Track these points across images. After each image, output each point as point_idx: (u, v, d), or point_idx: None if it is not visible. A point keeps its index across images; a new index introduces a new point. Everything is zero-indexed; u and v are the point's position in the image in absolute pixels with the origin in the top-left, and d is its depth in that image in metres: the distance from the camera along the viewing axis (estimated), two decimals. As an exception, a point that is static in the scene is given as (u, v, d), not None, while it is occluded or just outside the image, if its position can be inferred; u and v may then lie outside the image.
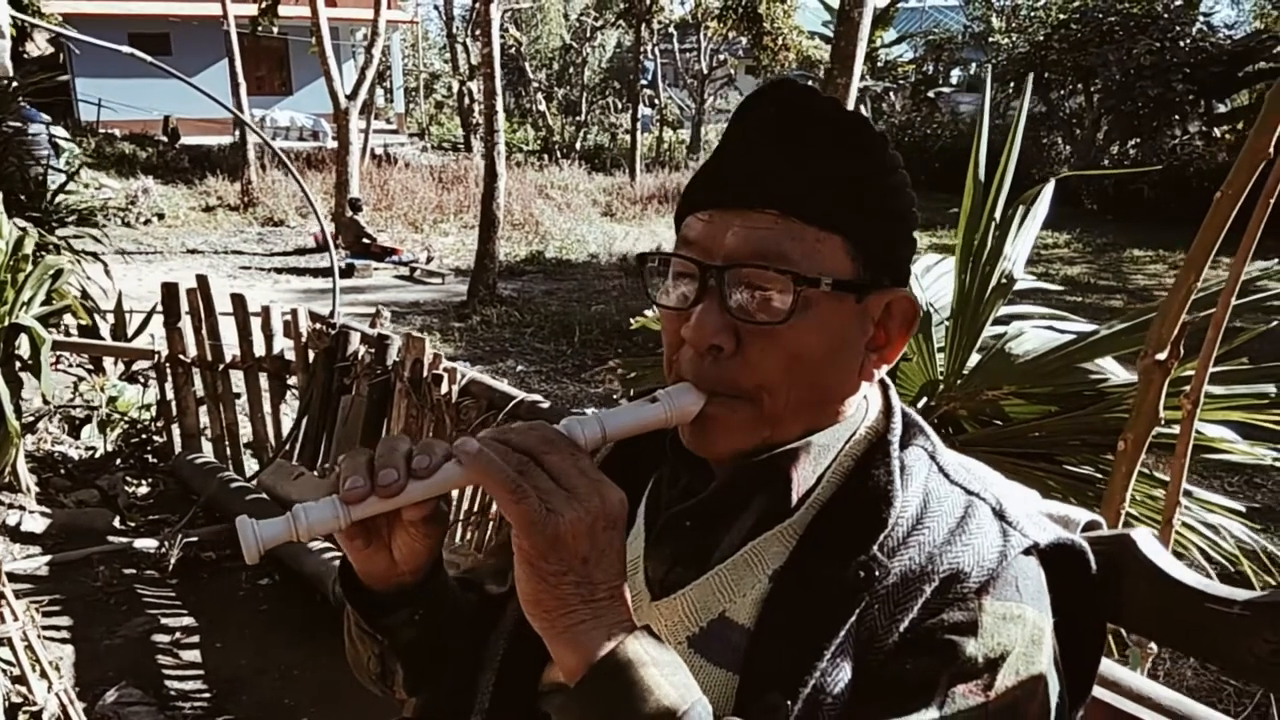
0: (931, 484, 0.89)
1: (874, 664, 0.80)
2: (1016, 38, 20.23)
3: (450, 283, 10.87)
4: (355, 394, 3.26)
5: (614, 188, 17.63)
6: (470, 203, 14.59)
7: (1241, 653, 0.89)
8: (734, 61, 24.23)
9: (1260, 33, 18.48)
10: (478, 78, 21.74)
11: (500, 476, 0.73)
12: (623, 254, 12.10)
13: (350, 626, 1.00)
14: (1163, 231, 14.76)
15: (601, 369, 3.21)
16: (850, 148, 0.86)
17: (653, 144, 22.53)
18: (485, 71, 9.43)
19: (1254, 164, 1.42)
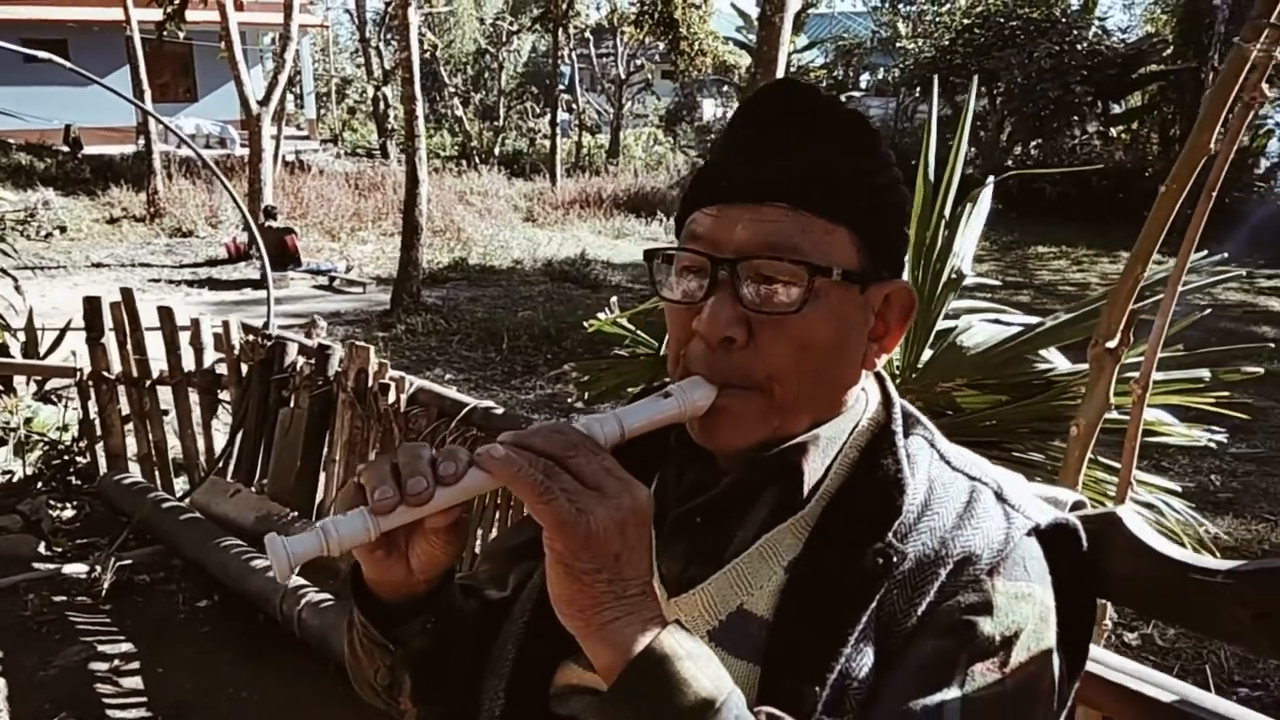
0: (935, 471, 0.92)
1: (894, 647, 0.82)
2: (922, 43, 20.81)
3: (372, 291, 10.68)
4: (294, 407, 3.19)
5: (535, 193, 17.56)
6: (389, 210, 14.36)
7: (1225, 620, 0.94)
8: (651, 66, 24.38)
9: (1151, 36, 19.40)
10: (393, 82, 21.48)
11: (528, 480, 0.73)
12: (547, 259, 12.05)
13: (357, 638, 0.99)
14: (1064, 229, 15.38)
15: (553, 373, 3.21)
16: (853, 144, 0.89)
17: (571, 149, 22.51)
18: (404, 76, 9.30)
19: (1195, 160, 1.50)
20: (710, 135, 22.59)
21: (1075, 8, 18.68)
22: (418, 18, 9.69)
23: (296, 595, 2.68)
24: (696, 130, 24.64)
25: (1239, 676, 3.44)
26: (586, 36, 24.12)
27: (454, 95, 23.76)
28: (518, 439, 0.77)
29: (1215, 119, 1.47)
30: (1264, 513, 5.13)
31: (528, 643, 0.98)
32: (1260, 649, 0.91)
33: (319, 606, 2.63)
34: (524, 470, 0.73)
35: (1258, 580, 0.92)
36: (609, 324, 2.41)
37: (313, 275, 11.05)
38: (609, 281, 11.15)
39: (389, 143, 20.83)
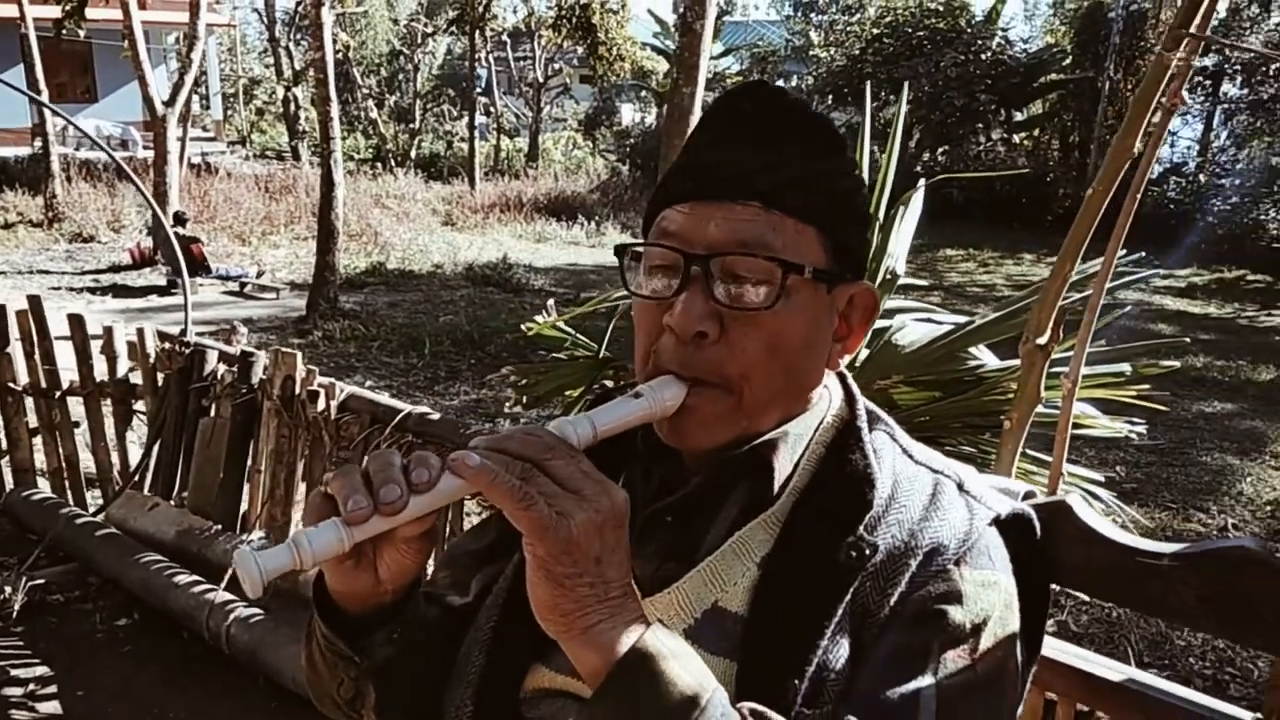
0: (899, 465, 0.94)
1: (868, 638, 0.84)
2: (834, 51, 21.25)
3: (286, 297, 10.41)
4: (216, 416, 3.08)
5: (453, 196, 17.34)
6: (302, 213, 14.01)
7: (1171, 600, 0.99)
8: (569, 71, 24.34)
9: (1051, 46, 20.19)
10: (304, 83, 20.97)
11: (505, 486, 0.72)
12: (468, 264, 11.92)
13: (318, 651, 0.96)
14: (970, 232, 15.89)
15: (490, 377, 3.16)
16: (821, 146, 0.91)
17: (490, 152, 22.32)
18: (317, 77, 9.09)
19: (1121, 162, 1.57)
20: (630, 140, 22.66)
21: (979, 19, 19.31)
22: (331, 17, 9.48)
23: (223, 610, 2.59)
24: (616, 135, 24.68)
25: (1149, 658, 3.60)
26: (504, 39, 23.94)
27: (368, 97, 23.32)
28: (492, 443, 0.76)
29: (1139, 123, 1.54)
30: (1167, 501, 5.39)
31: (496, 648, 0.96)
32: (1204, 626, 0.95)
33: (248, 621, 2.55)
34: (500, 476, 0.72)
35: (1201, 562, 0.97)
36: (547, 327, 2.40)
37: (222, 281, 10.71)
38: (532, 285, 11.09)
39: (300, 145, 20.33)
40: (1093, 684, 1.10)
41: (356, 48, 23.93)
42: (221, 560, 2.77)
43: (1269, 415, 7.19)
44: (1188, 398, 7.34)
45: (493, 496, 0.73)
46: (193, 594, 2.73)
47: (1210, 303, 12.49)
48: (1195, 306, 12.11)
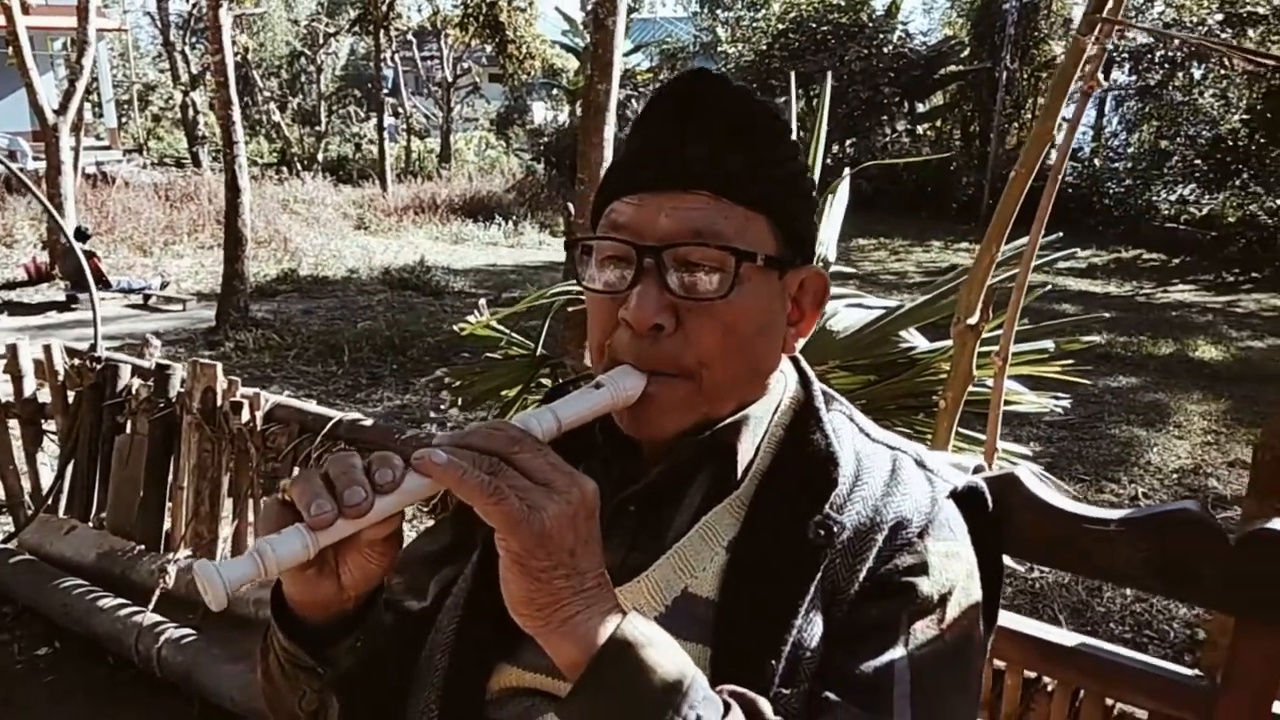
0: (858, 444, 0.96)
1: (839, 614, 0.86)
2: (742, 47, 21.50)
3: (193, 308, 10.05)
4: (133, 433, 2.96)
5: (365, 200, 16.99)
6: (205, 221, 13.54)
7: (1119, 563, 1.03)
8: (478, 70, 24.06)
9: (949, 39, 20.78)
10: (202, 87, 20.26)
11: (475, 481, 0.71)
12: (384, 268, 11.70)
13: (277, 665, 0.93)
14: (879, 222, 16.26)
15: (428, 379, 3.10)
16: (767, 133, 0.92)
17: (400, 154, 21.95)
18: (218, 80, 8.80)
19: (1041, 146, 1.63)
20: (544, 138, 22.53)
21: (880, 13, 19.76)
22: (229, 18, 9.20)
23: (153, 633, 2.48)
24: (529, 133, 24.52)
25: (1071, 625, 3.75)
26: (409, 39, 23.55)
27: (270, 100, 22.67)
28: (456, 439, 0.75)
29: (1057, 107, 1.60)
30: (1080, 474, 5.60)
31: (459, 650, 0.95)
32: (1150, 588, 0.99)
33: (180, 642, 2.46)
34: (469, 472, 0.71)
35: (1146, 526, 1.01)
36: (480, 327, 2.37)
37: (125, 294, 10.28)
38: (452, 288, 10.95)
39: (201, 151, 19.66)
40: (1041, 650, 1.14)
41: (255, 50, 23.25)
42: (147, 581, 2.67)
43: (1170, 388, 7.53)
44: (1094, 374, 7.64)
45: (462, 493, 0.72)
46: (118, 617, 2.61)
47: (1110, 282, 13.03)
48: (1096, 286, 12.62)
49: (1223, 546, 0.96)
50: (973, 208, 17.89)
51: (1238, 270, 13.92)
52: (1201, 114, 16.16)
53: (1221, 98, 16.15)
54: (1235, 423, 6.63)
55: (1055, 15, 19.04)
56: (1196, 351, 8.73)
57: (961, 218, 17.75)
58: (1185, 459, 5.91)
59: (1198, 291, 12.56)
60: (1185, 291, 12.57)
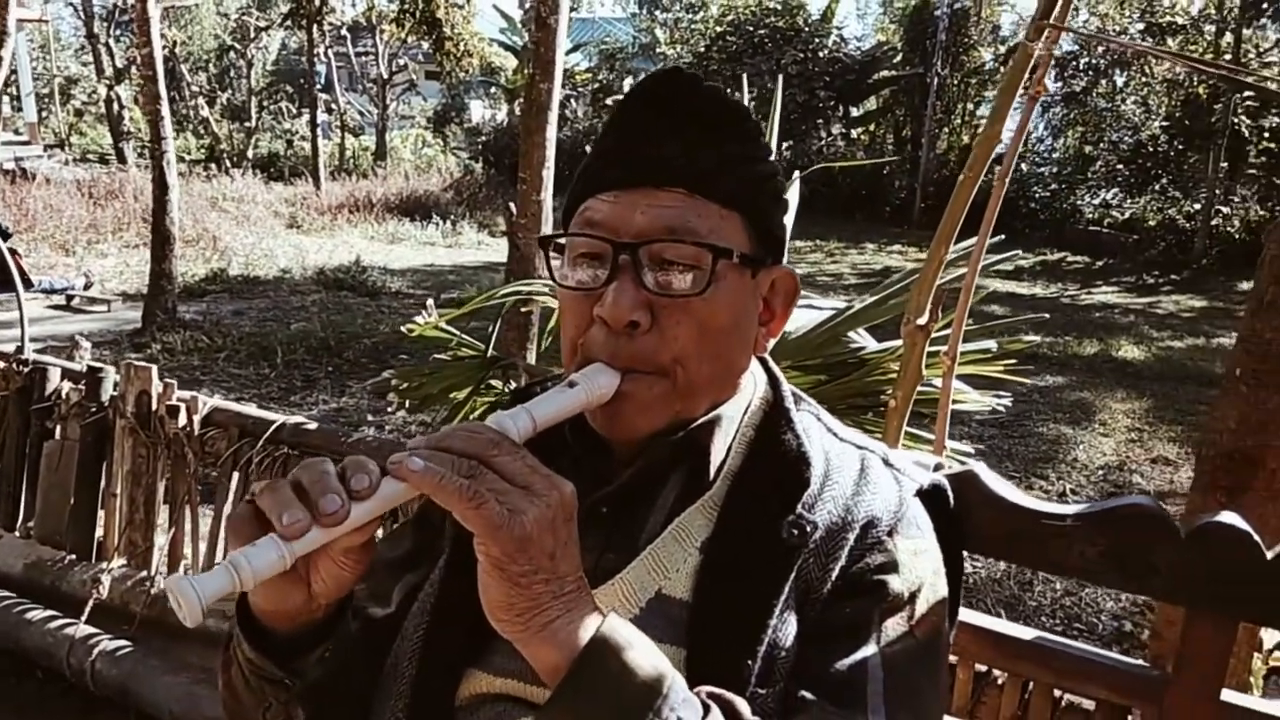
0: (827, 443, 0.97)
1: (813, 613, 0.86)
2: (681, 48, 21.62)
3: (119, 309, 9.73)
4: (63, 438, 2.84)
5: (297, 198, 16.63)
6: (131, 219, 13.13)
7: (1075, 557, 1.06)
8: (415, 66, 23.78)
9: (883, 44, 21.17)
10: (126, 81, 19.62)
11: (453, 486, 0.70)
12: (318, 268, 11.47)
13: (240, 677, 0.90)
14: (814, 225, 16.50)
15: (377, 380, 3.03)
16: (740, 131, 0.92)
17: (334, 151, 21.55)
18: (145, 74, 8.52)
19: (989, 149, 1.66)
20: (482, 137, 22.36)
21: (815, 17, 20.05)
22: (158, 10, 8.92)
23: (86, 645, 2.39)
24: (467, 132, 24.30)
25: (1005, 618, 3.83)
26: (343, 34, 23.15)
27: (198, 95, 22.07)
28: (433, 442, 0.74)
29: (1005, 111, 1.64)
30: (1010, 471, 5.74)
31: (427, 657, 0.94)
32: (1106, 581, 1.02)
33: (115, 654, 2.37)
34: (447, 477, 0.70)
35: (1102, 520, 1.04)
36: (429, 328, 2.34)
37: (46, 295, 9.91)
38: (389, 288, 10.78)
39: (126, 147, 19.05)
40: (996, 643, 1.16)
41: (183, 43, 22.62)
42: (79, 592, 2.57)
43: (1095, 387, 7.77)
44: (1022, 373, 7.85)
45: (440, 498, 0.70)
46: (49, 630, 2.50)
47: (1036, 284, 13.41)
48: (1023, 288, 12.97)
49: (1174, 540, 1.00)
50: (905, 211, 18.27)
51: (1158, 272, 14.45)
52: (1124, 120, 16.75)
53: (1143, 105, 16.76)
54: (1158, 420, 6.86)
55: (985, 22, 19.53)
56: (1120, 351, 9.03)
57: (894, 221, 18.11)
58: (1110, 456, 6.10)
59: (1120, 293, 12.99)
60: (1108, 293, 12.99)
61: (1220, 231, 14.90)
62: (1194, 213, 15.55)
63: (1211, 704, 1.00)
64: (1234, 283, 13.54)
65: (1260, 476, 1.37)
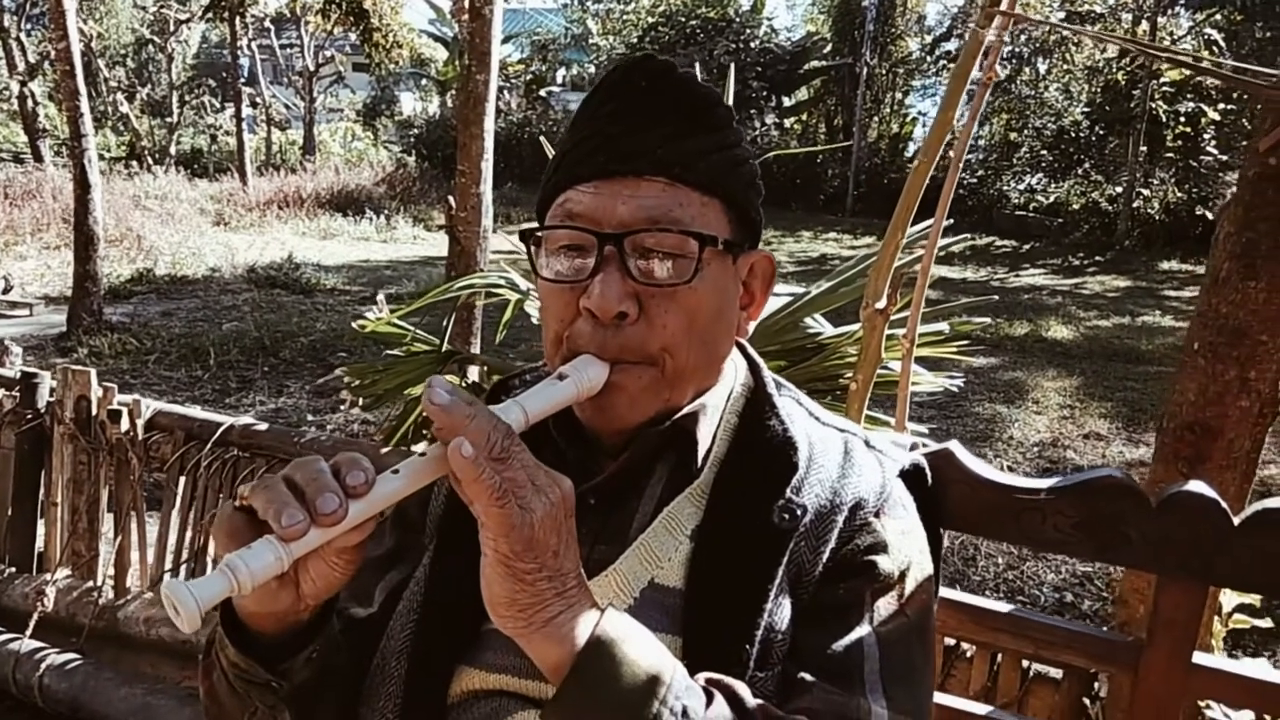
0: (809, 428, 0.98)
1: (805, 596, 0.87)
2: (613, 39, 21.58)
3: (41, 313, 9.39)
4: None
5: (223, 194, 16.22)
6: (50, 220, 12.67)
7: (1049, 531, 1.08)
8: (342, 58, 23.28)
9: (812, 35, 21.40)
10: (41, 76, 18.84)
11: (489, 483, 0.69)
12: (249, 265, 11.19)
13: (224, 683, 0.88)
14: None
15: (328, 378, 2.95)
16: (714, 118, 0.92)
17: (260, 146, 21.03)
18: (63, 68, 8.21)
19: (942, 135, 1.69)
20: (414, 130, 22.01)
21: (745, 8, 20.18)
22: (74, 2, 8.60)
23: (33, 660, 2.30)
24: (398, 125, 23.92)
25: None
26: (266, 26, 22.56)
27: (116, 90, 21.31)
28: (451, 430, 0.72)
29: (956, 97, 1.66)
30: (954, 450, 5.87)
31: (416, 656, 0.92)
32: (1081, 552, 1.05)
33: (64, 669, 2.28)
34: (486, 472, 0.69)
35: (1074, 493, 1.07)
36: (383, 324, 2.30)
37: (-41, 299, 9.52)
38: (323, 285, 10.57)
39: (41, 144, 18.32)
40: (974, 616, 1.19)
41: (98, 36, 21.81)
42: (21, 606, 2.47)
43: (1026, 366, 7.98)
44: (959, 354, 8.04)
45: (472, 491, 0.69)
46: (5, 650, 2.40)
47: (966, 267, 13.71)
48: (954, 272, 13.25)
49: (1145, 509, 1.03)
50: (839, 200, 18.51)
51: (1083, 254, 14.89)
52: (1047, 107, 17.19)
53: (1065, 91, 17.22)
54: (1088, 397, 7.07)
55: (911, 12, 19.86)
56: (1049, 332, 9.28)
57: (829, 209, 18.33)
58: (1044, 433, 6.27)
59: (1047, 275, 13.36)
60: (1036, 275, 13.35)
61: (1141, 214, 15.41)
62: (1116, 196, 16.05)
63: (1184, 667, 1.03)
64: (1156, 262, 14.03)
65: (1219, 446, 1.43)
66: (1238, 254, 1.52)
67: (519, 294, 2.18)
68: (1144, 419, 6.48)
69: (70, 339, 8.14)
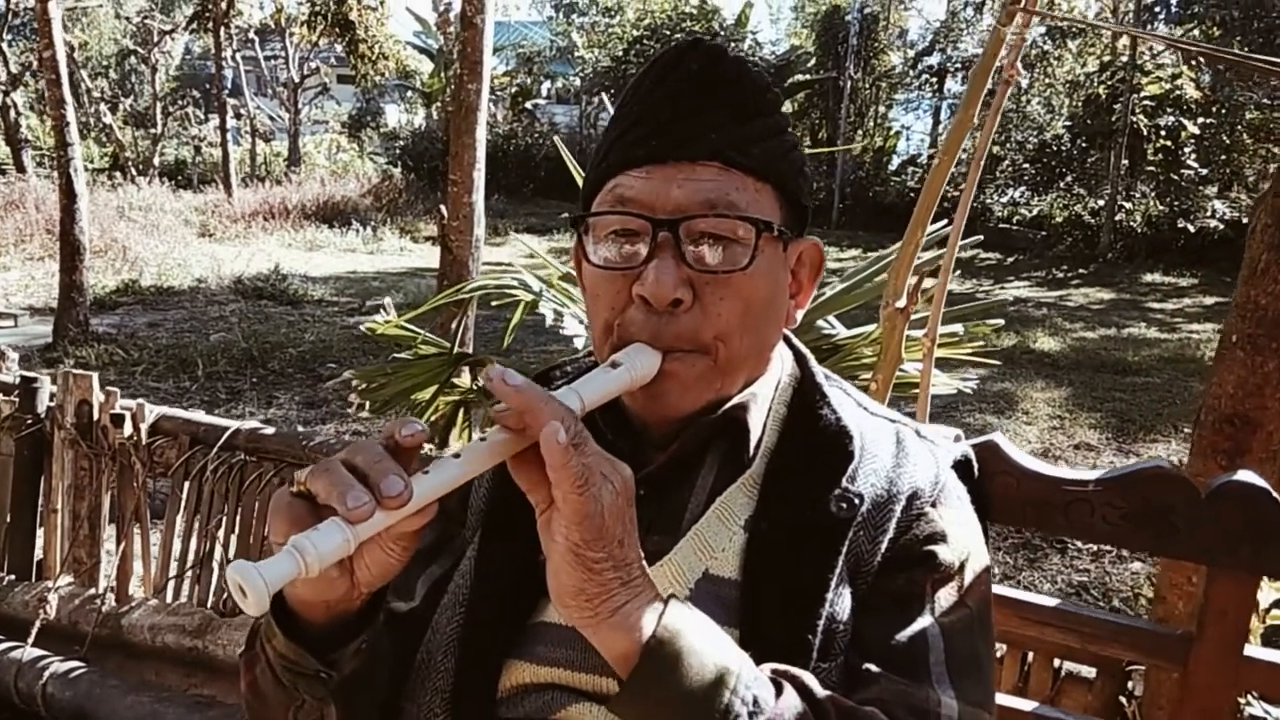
0: (859, 418, 0.97)
1: (864, 586, 0.86)
2: (598, 52, 21.64)
3: (26, 324, 9.28)
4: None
5: (208, 206, 16.13)
6: (34, 231, 12.55)
7: (1098, 523, 1.08)
8: (327, 70, 23.24)
9: (796, 48, 21.54)
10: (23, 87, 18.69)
11: (575, 469, 0.68)
12: (236, 276, 11.12)
13: (270, 676, 0.85)
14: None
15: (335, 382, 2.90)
16: (765, 103, 0.91)
17: (245, 157, 20.94)
18: (49, 78, 8.15)
19: (962, 133, 1.70)
20: (399, 141, 21.97)
21: (730, 22, 20.30)
22: (60, 11, 8.54)
23: (36, 668, 2.25)
24: (383, 136, 23.88)
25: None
26: (250, 37, 22.50)
27: (99, 101, 21.16)
28: None
29: (977, 96, 1.67)
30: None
31: (464, 650, 0.91)
32: (1129, 544, 1.05)
33: (69, 677, 2.24)
34: (574, 459, 0.68)
35: (1123, 484, 1.07)
36: (390, 326, 2.28)
37: (-58, 311, 9.40)
38: (311, 296, 10.50)
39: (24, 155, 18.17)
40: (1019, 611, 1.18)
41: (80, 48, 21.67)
42: (21, 614, 2.42)
43: (1015, 377, 8.02)
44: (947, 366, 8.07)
45: (558, 477, 0.68)
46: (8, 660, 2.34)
47: (951, 279, 13.77)
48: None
49: (1194, 500, 1.03)
50: (824, 212, 18.58)
51: (1066, 267, 15.02)
52: (1029, 120, 17.36)
53: (1046, 105, 17.40)
54: (1077, 408, 7.11)
55: (893, 27, 20.03)
56: (1036, 343, 9.34)
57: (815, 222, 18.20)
58: (1035, 443, 6.29)
59: (1032, 287, 13.46)
60: (1021, 287, 13.44)
61: (1123, 226, 15.56)
62: (1098, 209, 16.21)
63: (1235, 659, 1.03)
64: (1139, 275, 14.16)
65: (1258, 439, 1.43)
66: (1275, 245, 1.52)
67: (532, 295, 2.16)
68: (1133, 429, 6.52)
69: (56, 349, 8.06)
